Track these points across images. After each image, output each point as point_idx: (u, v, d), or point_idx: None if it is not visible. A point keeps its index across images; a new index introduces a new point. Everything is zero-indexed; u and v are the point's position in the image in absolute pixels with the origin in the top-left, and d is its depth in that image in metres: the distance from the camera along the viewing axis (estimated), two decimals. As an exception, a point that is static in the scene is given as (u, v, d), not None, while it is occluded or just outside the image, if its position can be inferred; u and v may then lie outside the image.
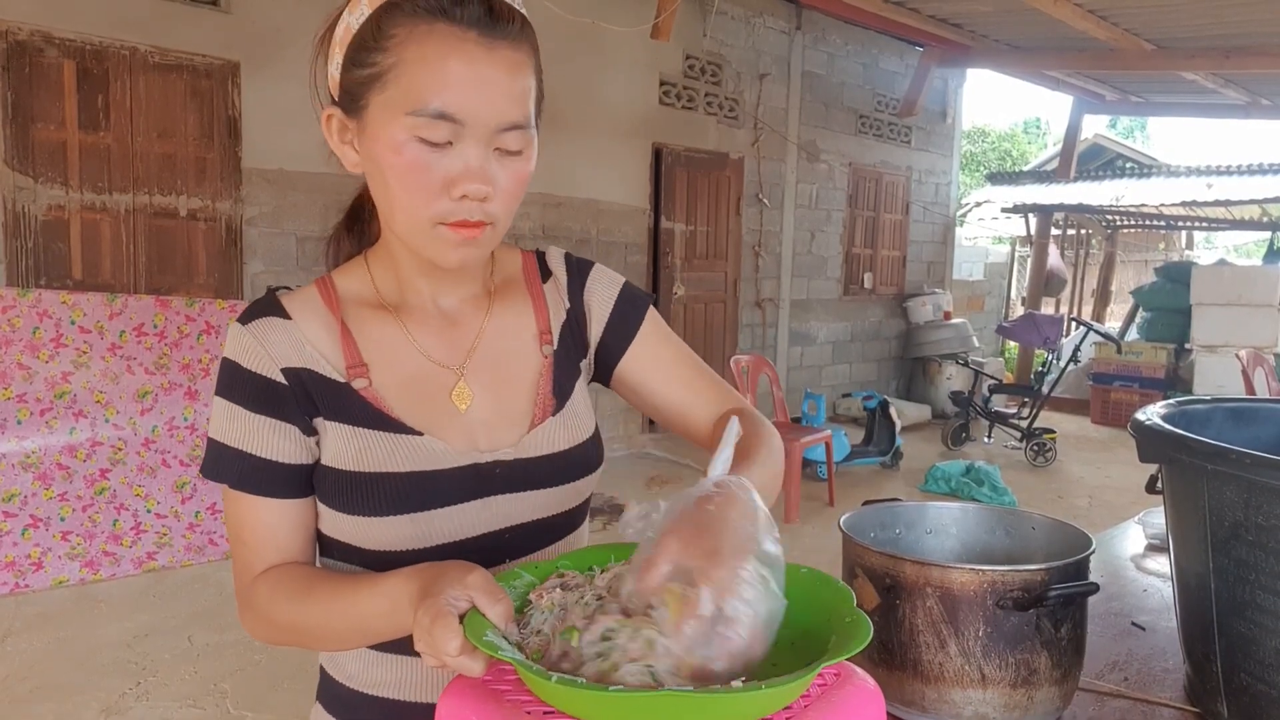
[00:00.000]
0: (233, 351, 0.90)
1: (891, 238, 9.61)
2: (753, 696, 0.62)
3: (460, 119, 0.81)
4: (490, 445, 0.94)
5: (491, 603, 0.70)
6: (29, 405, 4.20)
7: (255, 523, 0.90)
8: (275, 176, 5.20)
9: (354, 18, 0.84)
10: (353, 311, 0.94)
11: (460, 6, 0.80)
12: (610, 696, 0.61)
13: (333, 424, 0.90)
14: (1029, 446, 7.32)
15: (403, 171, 0.82)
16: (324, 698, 1.02)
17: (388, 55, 0.81)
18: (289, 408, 0.89)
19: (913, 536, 1.18)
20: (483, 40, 0.81)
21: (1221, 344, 8.62)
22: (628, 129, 6.98)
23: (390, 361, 0.93)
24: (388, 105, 0.82)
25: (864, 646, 0.66)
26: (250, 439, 0.88)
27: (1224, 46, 7.26)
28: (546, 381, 0.98)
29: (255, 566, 0.90)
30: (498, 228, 0.87)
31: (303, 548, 0.92)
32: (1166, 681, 1.15)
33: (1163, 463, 1.09)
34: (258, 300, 0.93)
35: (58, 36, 4.46)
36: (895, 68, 9.26)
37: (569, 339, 1.02)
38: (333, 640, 0.88)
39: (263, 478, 0.89)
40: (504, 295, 1.00)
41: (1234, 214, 11.57)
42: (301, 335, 0.91)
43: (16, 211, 4.44)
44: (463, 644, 0.67)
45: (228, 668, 3.39)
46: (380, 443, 0.89)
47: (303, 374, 0.90)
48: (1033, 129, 28.98)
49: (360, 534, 0.90)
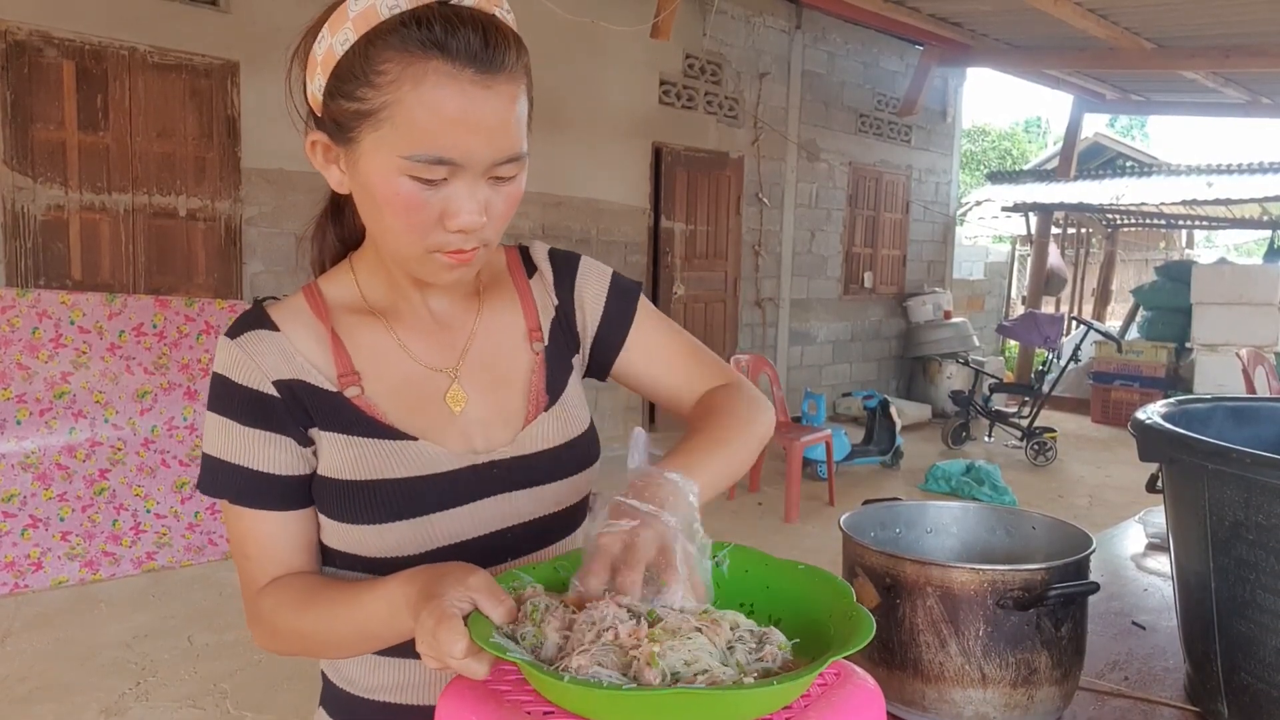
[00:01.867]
0: (222, 366, 0.90)
1: (891, 237, 9.60)
2: (767, 692, 0.62)
3: (459, 162, 0.79)
4: (486, 445, 0.94)
5: (495, 604, 0.70)
6: (28, 405, 4.20)
7: (257, 536, 0.89)
8: (275, 176, 5.20)
9: (337, 40, 0.80)
10: (342, 319, 0.93)
11: (454, 38, 0.77)
12: (626, 696, 0.61)
13: (327, 434, 0.89)
14: (1029, 446, 7.32)
15: (397, 207, 0.81)
16: (327, 703, 1.02)
17: (380, 92, 0.78)
18: (282, 420, 0.88)
19: (913, 536, 1.18)
20: (479, 78, 0.78)
21: (1222, 343, 8.62)
22: (628, 128, 6.98)
23: (382, 368, 0.92)
24: (381, 143, 0.79)
25: (869, 640, 0.66)
26: (245, 453, 0.88)
27: (1224, 45, 7.26)
28: (539, 379, 0.98)
29: (260, 580, 0.90)
30: (491, 247, 0.87)
31: (306, 558, 0.92)
32: (1167, 681, 1.15)
33: (1163, 462, 1.08)
34: (245, 313, 0.93)
35: (57, 36, 4.46)
36: (895, 67, 9.26)
37: (559, 335, 1.01)
38: (338, 647, 0.87)
39: (261, 491, 0.88)
40: (492, 294, 1.00)
41: (1234, 213, 11.57)
42: (291, 346, 0.90)
43: (16, 211, 4.43)
44: (468, 645, 0.67)
45: (228, 668, 3.39)
46: (376, 450, 0.89)
47: (294, 385, 0.89)
48: (1033, 128, 28.97)
49: (361, 542, 0.90)
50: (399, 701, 0.95)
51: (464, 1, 0.80)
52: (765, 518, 5.54)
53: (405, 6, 0.78)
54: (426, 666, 0.71)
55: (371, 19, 0.78)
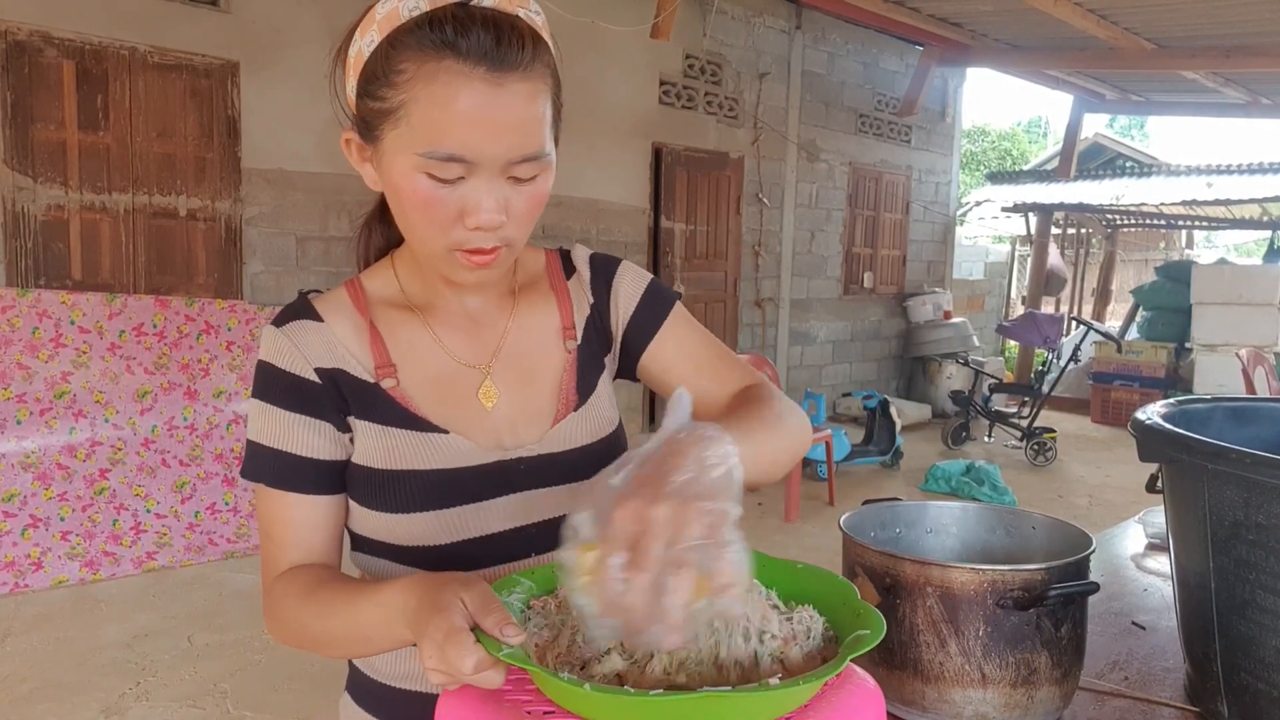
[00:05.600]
0: (267, 353, 0.92)
1: (891, 237, 9.60)
2: (790, 692, 0.62)
3: (471, 159, 0.81)
4: (515, 442, 0.96)
5: (485, 614, 0.69)
6: (29, 405, 4.20)
7: (285, 519, 0.91)
8: (275, 176, 5.20)
9: (365, 42, 0.84)
10: (381, 313, 0.96)
11: (466, 38, 0.78)
12: (652, 701, 0.60)
13: (363, 423, 0.92)
14: (1029, 446, 7.32)
15: (417, 204, 0.83)
16: (353, 689, 1.03)
17: (398, 91, 0.81)
18: (322, 405, 0.91)
19: (913, 536, 1.18)
20: (491, 76, 0.79)
21: (1222, 343, 8.62)
22: (628, 128, 6.98)
23: (417, 362, 0.95)
24: (399, 141, 0.82)
25: (883, 635, 0.67)
26: (285, 437, 0.90)
27: (1224, 46, 7.26)
28: (570, 377, 1.00)
29: (280, 563, 0.91)
30: (514, 247, 0.88)
31: (327, 547, 0.93)
32: (1166, 681, 1.15)
33: (1163, 462, 1.08)
34: (291, 304, 0.96)
35: (57, 36, 4.46)
36: (895, 67, 9.26)
37: (592, 334, 1.03)
38: (333, 645, 0.87)
39: (296, 474, 0.91)
40: (528, 294, 1.02)
41: (1234, 213, 11.57)
42: (333, 336, 0.93)
43: (16, 211, 4.43)
44: (480, 660, 0.66)
45: (228, 668, 3.39)
46: (408, 441, 0.92)
47: (335, 374, 0.92)
48: (1034, 128, 28.97)
49: (389, 530, 0.92)
50: (425, 690, 0.96)
51: (483, 2, 0.81)
52: (765, 518, 5.54)
53: (425, 8, 0.81)
54: (432, 680, 0.69)
55: (394, 20, 0.81)
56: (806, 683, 0.62)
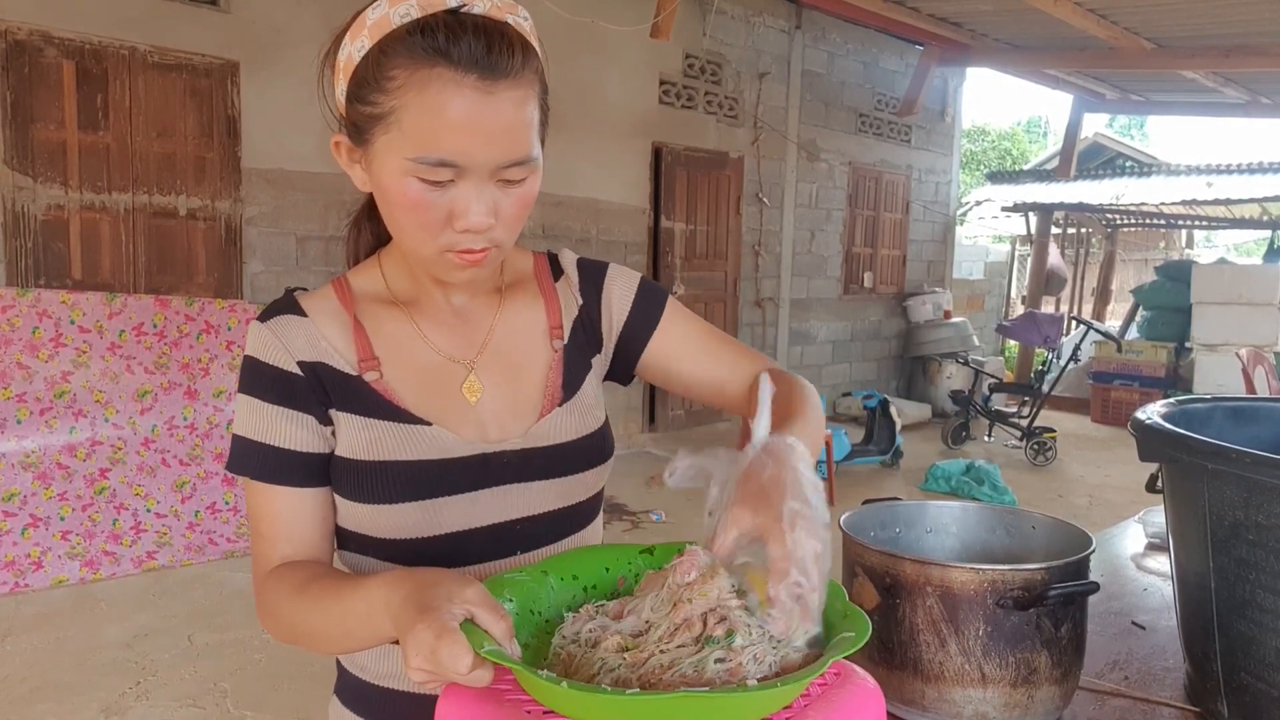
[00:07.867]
0: (253, 348, 0.93)
1: (891, 237, 9.60)
2: (770, 694, 0.62)
3: (462, 164, 0.82)
4: (499, 435, 0.96)
5: (495, 619, 0.69)
6: (29, 405, 4.20)
7: (273, 513, 0.92)
8: (275, 176, 5.20)
9: (355, 47, 0.84)
10: (366, 308, 0.97)
11: (458, 46, 0.80)
12: (627, 700, 0.60)
13: (345, 415, 0.92)
14: (1029, 445, 7.32)
15: (407, 207, 0.84)
16: (341, 691, 1.03)
17: (389, 97, 0.81)
18: (305, 398, 0.92)
19: (912, 535, 1.18)
20: (482, 84, 0.80)
21: (1222, 343, 8.62)
22: (628, 128, 6.98)
23: (402, 355, 0.96)
24: (390, 145, 0.83)
25: (866, 639, 0.67)
26: (269, 430, 0.91)
27: (1224, 45, 7.26)
28: (556, 374, 1.01)
29: (271, 559, 0.92)
30: (503, 248, 0.90)
31: (317, 541, 0.93)
32: (1166, 681, 1.15)
33: (1163, 462, 1.08)
34: (276, 300, 0.96)
35: (57, 36, 4.46)
36: (895, 67, 9.26)
37: (580, 334, 1.04)
38: (322, 641, 0.87)
39: (281, 467, 0.91)
40: (515, 293, 1.02)
41: (1234, 213, 11.58)
42: (317, 331, 0.94)
43: (16, 211, 4.43)
44: (474, 660, 0.66)
45: (228, 667, 3.39)
46: (390, 433, 0.92)
47: (317, 367, 0.93)
48: (1034, 128, 28.97)
49: (372, 522, 0.93)
50: (411, 690, 0.96)
51: (473, 9, 0.82)
52: (765, 517, 5.53)
53: (415, 15, 0.81)
54: (414, 679, 0.69)
55: (385, 27, 0.82)
56: (785, 685, 0.62)
